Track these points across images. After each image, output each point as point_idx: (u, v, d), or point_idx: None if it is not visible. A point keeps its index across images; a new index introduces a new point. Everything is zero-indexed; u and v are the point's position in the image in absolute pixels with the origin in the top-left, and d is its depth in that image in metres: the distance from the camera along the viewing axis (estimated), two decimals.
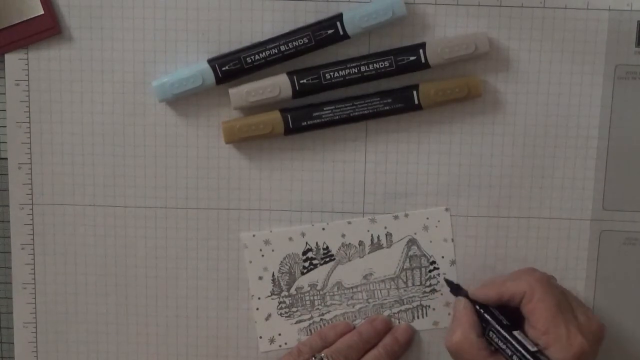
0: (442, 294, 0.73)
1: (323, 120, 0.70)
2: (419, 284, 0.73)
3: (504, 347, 0.66)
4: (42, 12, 0.70)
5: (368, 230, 0.73)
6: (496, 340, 0.67)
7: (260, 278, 0.73)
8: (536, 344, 0.65)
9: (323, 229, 0.73)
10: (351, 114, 0.70)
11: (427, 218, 0.72)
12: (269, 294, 0.74)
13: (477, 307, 0.69)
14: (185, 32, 0.70)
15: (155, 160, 0.72)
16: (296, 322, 0.74)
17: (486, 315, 0.68)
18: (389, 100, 0.70)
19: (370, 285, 0.73)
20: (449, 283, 0.72)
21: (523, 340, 0.66)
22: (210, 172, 0.72)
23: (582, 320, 0.66)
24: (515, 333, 0.66)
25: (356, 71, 0.69)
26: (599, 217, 0.72)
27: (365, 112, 0.70)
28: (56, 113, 0.72)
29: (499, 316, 0.68)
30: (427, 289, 0.73)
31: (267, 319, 0.74)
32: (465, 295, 0.70)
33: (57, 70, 0.71)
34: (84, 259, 0.74)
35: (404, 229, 0.73)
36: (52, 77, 0.71)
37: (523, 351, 0.65)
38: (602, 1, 0.69)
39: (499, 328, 0.67)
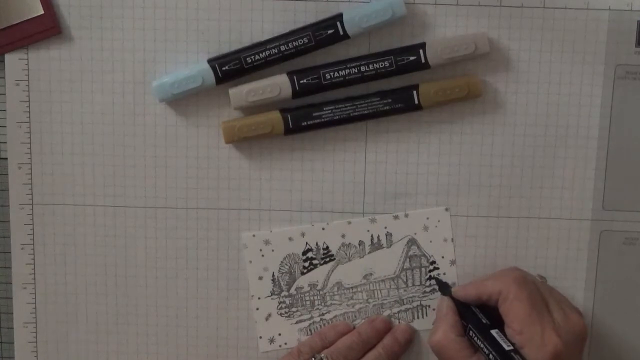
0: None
1: (323, 120, 0.70)
2: (419, 284, 0.73)
3: (482, 346, 0.66)
4: (42, 12, 0.70)
5: (368, 230, 0.73)
6: (475, 339, 0.67)
7: (260, 278, 0.73)
8: (512, 344, 0.65)
9: (323, 229, 0.73)
10: (351, 114, 0.70)
11: (427, 218, 0.72)
12: (269, 294, 0.74)
13: (458, 306, 0.69)
14: (185, 32, 0.70)
15: (155, 160, 0.72)
16: (296, 322, 0.74)
17: (466, 315, 0.68)
18: (389, 100, 0.70)
19: (370, 285, 0.73)
20: (438, 282, 0.72)
21: (499, 340, 0.65)
22: (210, 172, 0.72)
23: (559, 319, 0.65)
24: (493, 332, 0.66)
25: (356, 71, 0.69)
26: (599, 217, 0.72)
27: (365, 112, 0.70)
28: (56, 113, 0.72)
29: (479, 315, 0.68)
30: (427, 289, 0.73)
31: (267, 319, 0.74)
32: (450, 294, 0.70)
33: (57, 70, 0.71)
34: (84, 259, 0.74)
35: (404, 229, 0.73)
36: (52, 77, 0.71)
37: (497, 350, 0.65)
38: (602, 1, 0.69)
39: (477, 327, 0.67)
